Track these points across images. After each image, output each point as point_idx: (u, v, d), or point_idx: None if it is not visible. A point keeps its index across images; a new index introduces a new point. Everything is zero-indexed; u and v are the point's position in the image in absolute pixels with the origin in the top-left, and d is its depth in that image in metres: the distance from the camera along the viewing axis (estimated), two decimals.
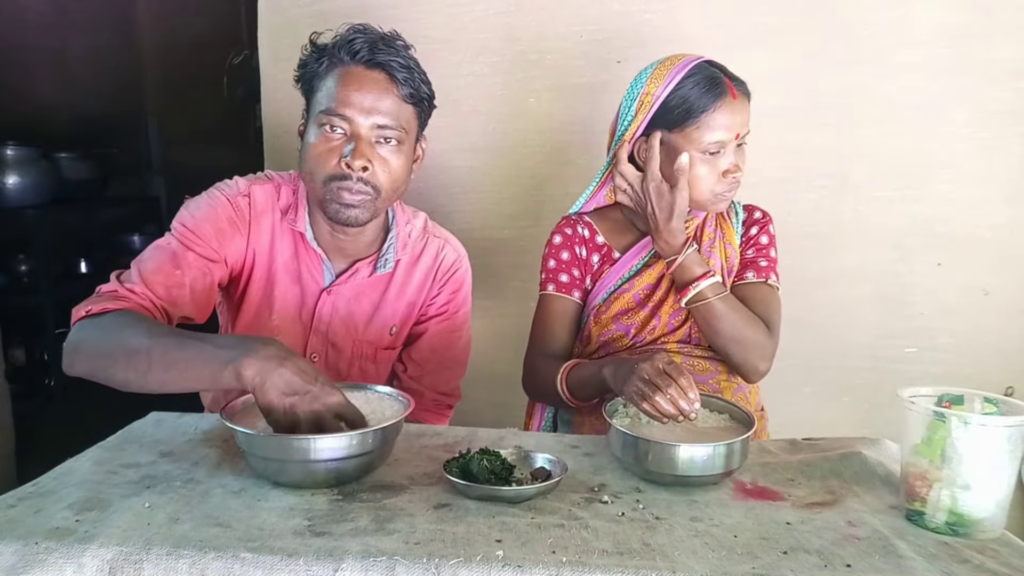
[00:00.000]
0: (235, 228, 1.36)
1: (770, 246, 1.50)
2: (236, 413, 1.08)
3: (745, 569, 0.82)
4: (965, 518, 0.91)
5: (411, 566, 0.80)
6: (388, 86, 1.30)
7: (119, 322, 1.15)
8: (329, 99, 1.29)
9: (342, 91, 1.28)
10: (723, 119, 1.36)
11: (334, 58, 1.31)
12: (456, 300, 1.55)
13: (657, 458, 1.03)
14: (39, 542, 0.83)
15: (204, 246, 1.32)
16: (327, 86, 1.30)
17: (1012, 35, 1.81)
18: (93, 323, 1.16)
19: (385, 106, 1.30)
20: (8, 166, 3.15)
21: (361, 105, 1.28)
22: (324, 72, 1.32)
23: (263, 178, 1.45)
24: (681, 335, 1.46)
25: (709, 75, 1.37)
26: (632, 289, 1.47)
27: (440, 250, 1.53)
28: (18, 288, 3.36)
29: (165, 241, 1.32)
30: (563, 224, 1.55)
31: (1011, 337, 1.92)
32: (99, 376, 1.13)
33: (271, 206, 1.40)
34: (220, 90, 3.67)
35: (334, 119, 1.29)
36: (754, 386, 1.49)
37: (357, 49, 1.29)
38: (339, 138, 1.30)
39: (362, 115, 1.28)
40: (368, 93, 1.29)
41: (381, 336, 1.50)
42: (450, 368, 1.58)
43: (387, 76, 1.30)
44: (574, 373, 1.36)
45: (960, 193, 1.89)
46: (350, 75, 1.29)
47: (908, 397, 0.96)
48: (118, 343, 1.11)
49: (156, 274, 1.26)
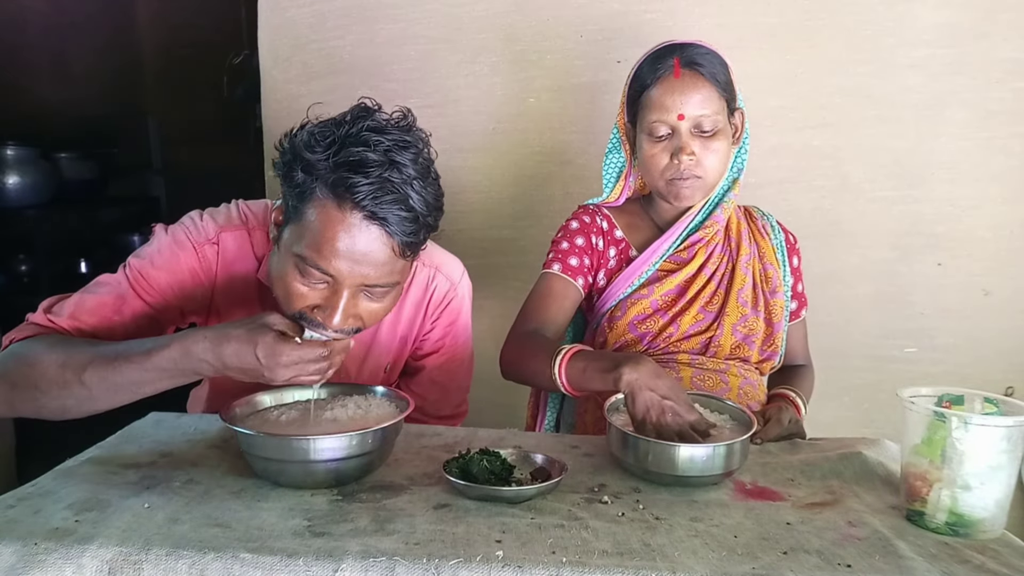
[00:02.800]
0: (196, 280, 1.24)
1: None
2: (236, 414, 1.08)
3: (745, 569, 0.82)
4: (965, 518, 0.90)
5: (411, 566, 0.80)
6: (385, 243, 1.04)
7: (33, 347, 1.07)
8: (311, 246, 1.03)
9: (330, 244, 1.02)
10: (662, 97, 1.33)
11: (321, 190, 1.02)
12: (453, 332, 1.43)
13: (657, 458, 1.03)
14: (38, 542, 0.83)
15: (155, 295, 1.20)
16: (308, 219, 1.04)
17: (1012, 35, 1.82)
18: (8, 353, 1.09)
19: (381, 266, 1.06)
20: (8, 166, 3.15)
21: (352, 265, 1.04)
22: (308, 196, 1.04)
23: (236, 222, 1.27)
24: (696, 344, 1.41)
25: (658, 54, 1.35)
26: (651, 295, 1.42)
27: (430, 281, 1.37)
28: (18, 288, 3.36)
29: (116, 279, 1.20)
30: (581, 212, 1.51)
31: (1011, 337, 1.93)
32: (20, 408, 1.06)
33: (244, 254, 1.26)
34: (220, 90, 3.66)
35: (313, 271, 1.05)
36: (762, 382, 1.48)
37: (356, 191, 1.00)
38: (319, 284, 1.06)
39: (350, 275, 1.04)
40: (364, 253, 1.03)
41: (375, 376, 1.40)
42: (453, 393, 1.50)
43: (383, 232, 1.03)
44: (575, 365, 1.21)
45: (960, 193, 1.89)
46: (343, 225, 1.02)
47: (908, 397, 0.96)
48: (38, 365, 1.04)
49: (93, 314, 1.16)
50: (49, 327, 1.13)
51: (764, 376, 1.50)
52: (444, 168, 1.71)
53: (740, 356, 1.43)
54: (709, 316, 1.42)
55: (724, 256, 1.46)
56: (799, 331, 1.57)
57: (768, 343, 1.44)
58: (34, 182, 3.23)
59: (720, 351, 1.41)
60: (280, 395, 1.15)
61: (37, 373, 1.03)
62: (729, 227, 1.48)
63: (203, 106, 3.99)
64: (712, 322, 1.42)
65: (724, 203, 1.44)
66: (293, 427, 1.06)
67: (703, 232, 1.43)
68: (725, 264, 1.45)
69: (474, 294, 1.63)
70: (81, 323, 1.15)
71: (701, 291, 1.43)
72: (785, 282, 1.49)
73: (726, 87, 1.36)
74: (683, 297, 1.43)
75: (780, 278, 1.48)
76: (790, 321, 1.51)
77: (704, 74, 1.33)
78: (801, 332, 1.58)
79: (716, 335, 1.41)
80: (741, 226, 1.49)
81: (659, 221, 1.49)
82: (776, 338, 1.45)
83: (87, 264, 3.68)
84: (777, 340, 1.46)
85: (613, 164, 1.52)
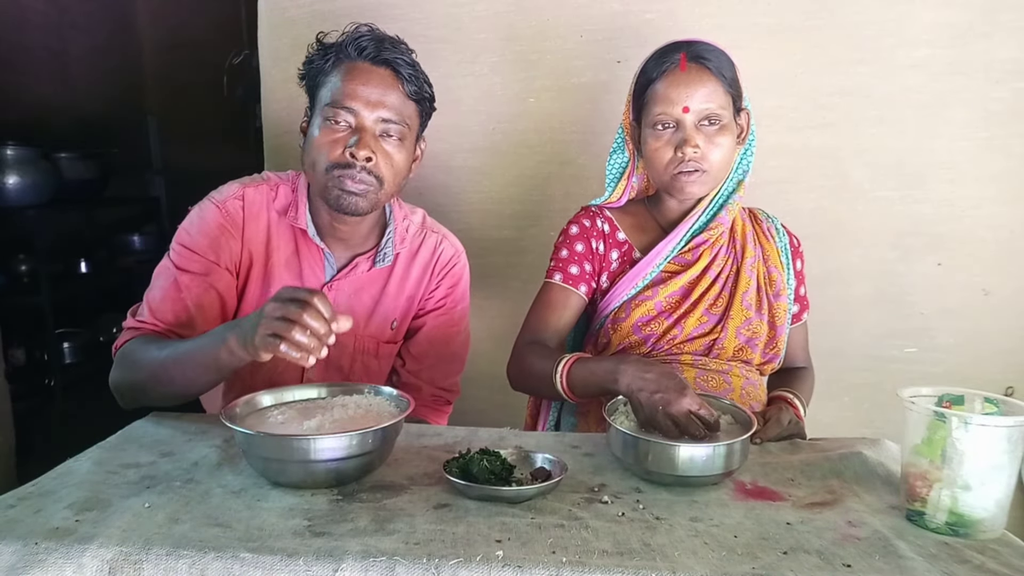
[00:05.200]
0: (227, 234, 1.38)
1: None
2: (236, 414, 1.08)
3: (745, 569, 0.82)
4: (965, 518, 0.90)
5: (411, 566, 0.80)
6: (393, 82, 1.33)
7: (134, 350, 1.27)
8: (335, 93, 1.31)
9: (348, 85, 1.31)
10: (667, 90, 1.33)
11: (341, 54, 1.33)
12: (454, 294, 1.56)
13: (657, 458, 1.03)
14: (39, 542, 0.83)
15: (201, 261, 1.35)
16: (332, 81, 1.32)
17: (1012, 35, 1.81)
18: (119, 359, 1.28)
19: (390, 100, 1.32)
20: (8, 166, 3.15)
21: (367, 98, 1.30)
22: (330, 68, 1.34)
23: (258, 179, 1.46)
24: (700, 346, 1.41)
25: (664, 50, 1.36)
26: (655, 297, 1.42)
27: (438, 244, 1.54)
28: (18, 288, 3.36)
29: (165, 265, 1.37)
30: (581, 215, 1.51)
31: (1011, 337, 1.92)
32: (146, 400, 1.27)
33: (266, 206, 1.42)
34: (220, 90, 3.66)
35: (340, 112, 1.30)
36: (763, 383, 1.48)
37: (364, 46, 1.32)
38: (343, 130, 1.31)
39: (367, 108, 1.31)
40: (374, 87, 1.31)
41: (382, 330, 1.50)
42: (448, 362, 1.59)
43: (393, 72, 1.33)
44: (577, 372, 1.27)
45: (960, 193, 1.89)
46: (356, 70, 1.32)
47: (908, 397, 0.96)
48: (140, 368, 1.23)
49: (163, 302, 1.33)
50: (141, 329, 1.31)
51: (765, 377, 1.50)
52: (444, 168, 1.71)
53: (742, 358, 1.43)
54: (713, 318, 1.42)
55: (729, 258, 1.45)
56: (800, 334, 1.57)
57: (771, 345, 1.44)
58: (34, 182, 3.23)
59: (723, 353, 1.41)
60: (280, 395, 1.15)
61: (139, 371, 1.24)
62: (734, 229, 1.48)
63: (203, 106, 3.99)
64: (716, 324, 1.42)
65: (729, 205, 1.44)
66: (293, 427, 1.06)
67: (708, 234, 1.43)
68: (730, 266, 1.45)
69: (474, 294, 1.64)
70: (160, 318, 1.32)
71: (706, 293, 1.43)
72: (788, 285, 1.49)
73: (732, 84, 1.36)
74: (687, 299, 1.42)
75: (784, 281, 1.48)
76: (792, 324, 1.51)
77: (711, 68, 1.33)
78: (802, 335, 1.58)
79: (720, 337, 1.41)
80: (746, 228, 1.49)
81: (663, 222, 1.49)
82: (779, 341, 1.45)
83: (87, 264, 3.67)
84: (779, 343, 1.46)
85: (616, 164, 1.52)
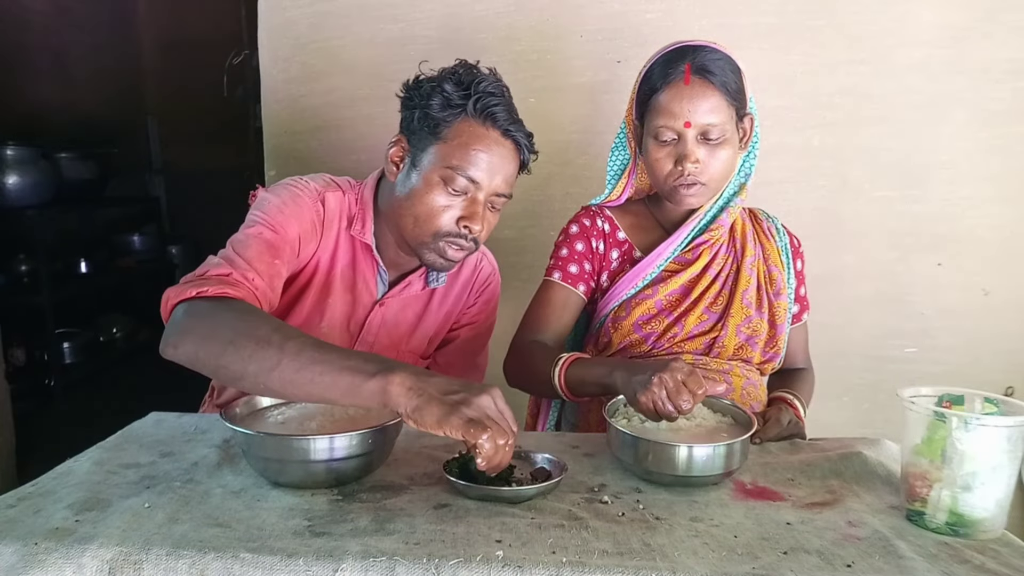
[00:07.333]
0: (314, 232, 1.34)
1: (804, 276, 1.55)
2: (236, 414, 1.07)
3: (745, 569, 0.82)
4: (965, 518, 0.90)
5: (411, 566, 0.80)
6: (514, 157, 1.31)
7: (241, 310, 1.07)
8: (461, 158, 1.26)
9: (477, 154, 1.26)
10: (670, 103, 1.32)
11: (469, 115, 1.27)
12: (487, 310, 1.58)
13: (657, 458, 1.03)
14: (39, 542, 0.83)
15: (292, 241, 1.30)
16: (458, 141, 1.26)
17: (1012, 35, 1.82)
18: (210, 306, 1.07)
19: (509, 175, 1.30)
20: (8, 166, 3.16)
21: (491, 172, 1.27)
22: (452, 119, 1.27)
23: (332, 184, 1.40)
24: (700, 345, 1.41)
25: (670, 57, 1.34)
26: (655, 296, 1.42)
27: (479, 262, 1.55)
28: (18, 288, 3.36)
29: (256, 231, 1.25)
30: (582, 214, 1.51)
31: (1011, 337, 1.93)
32: (207, 363, 1.02)
33: (340, 214, 1.38)
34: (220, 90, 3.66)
35: (461, 179, 1.26)
36: (763, 383, 1.48)
37: (495, 114, 1.27)
38: (459, 195, 1.28)
39: (489, 181, 1.28)
40: (500, 161, 1.28)
41: (421, 346, 1.51)
42: (470, 372, 1.59)
43: (515, 147, 1.31)
44: (575, 371, 1.28)
45: (960, 193, 1.89)
46: (486, 140, 1.27)
47: (908, 397, 0.96)
48: (243, 332, 1.01)
49: (259, 262, 1.20)
50: (239, 279, 1.14)
51: (765, 377, 1.50)
52: None
53: (743, 357, 1.43)
54: (713, 317, 1.42)
55: (729, 257, 1.45)
56: (800, 334, 1.57)
57: (771, 344, 1.44)
58: (34, 182, 3.24)
59: (724, 352, 1.41)
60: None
61: (245, 328, 1.01)
62: (734, 228, 1.48)
63: (203, 106, 3.99)
64: (716, 323, 1.42)
65: (730, 207, 1.44)
66: (293, 427, 1.06)
67: (708, 234, 1.43)
68: (730, 265, 1.45)
69: None
70: (259, 271, 1.18)
71: (706, 292, 1.43)
72: (789, 284, 1.49)
73: (736, 95, 1.34)
74: (688, 297, 1.42)
75: (784, 280, 1.48)
76: (792, 324, 1.51)
77: (715, 83, 1.31)
78: (802, 335, 1.58)
79: (720, 336, 1.41)
80: (746, 228, 1.49)
81: (664, 222, 1.49)
82: (779, 340, 1.45)
83: (87, 264, 3.68)
84: (780, 342, 1.46)
85: (617, 161, 1.51)
